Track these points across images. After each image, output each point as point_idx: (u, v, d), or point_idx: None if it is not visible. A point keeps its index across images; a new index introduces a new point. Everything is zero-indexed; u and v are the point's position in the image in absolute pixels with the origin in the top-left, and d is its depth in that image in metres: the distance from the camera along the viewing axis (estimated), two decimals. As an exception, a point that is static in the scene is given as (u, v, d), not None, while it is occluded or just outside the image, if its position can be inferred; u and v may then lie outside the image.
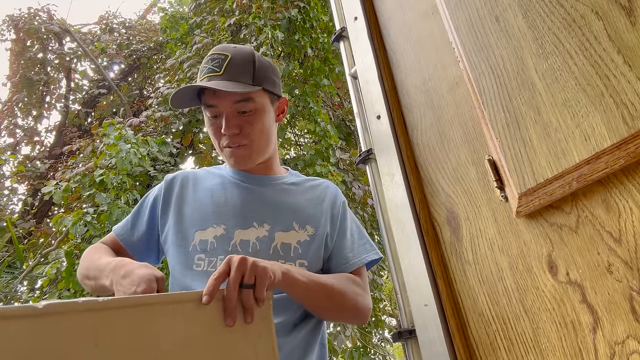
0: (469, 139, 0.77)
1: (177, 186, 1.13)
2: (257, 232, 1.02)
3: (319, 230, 1.06)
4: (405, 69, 0.95)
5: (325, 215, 1.09)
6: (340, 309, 0.98)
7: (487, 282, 0.70)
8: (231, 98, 1.01)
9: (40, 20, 6.52)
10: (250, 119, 1.04)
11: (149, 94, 6.45)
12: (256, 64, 1.06)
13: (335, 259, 1.06)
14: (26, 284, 4.06)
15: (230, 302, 0.70)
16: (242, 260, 0.75)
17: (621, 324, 0.53)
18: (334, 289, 0.96)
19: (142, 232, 1.11)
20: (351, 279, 1.02)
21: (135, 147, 3.75)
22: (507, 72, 0.68)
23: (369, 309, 1.03)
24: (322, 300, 0.95)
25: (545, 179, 0.60)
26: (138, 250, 1.11)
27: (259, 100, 1.05)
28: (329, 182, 1.20)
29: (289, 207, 1.08)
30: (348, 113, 5.60)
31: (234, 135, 1.03)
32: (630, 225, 0.53)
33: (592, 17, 0.58)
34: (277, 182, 1.13)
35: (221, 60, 1.02)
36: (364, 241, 1.11)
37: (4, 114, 6.55)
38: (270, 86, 1.08)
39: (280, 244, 1.01)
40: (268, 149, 1.11)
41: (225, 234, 1.01)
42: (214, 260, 0.98)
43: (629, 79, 0.53)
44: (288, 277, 0.85)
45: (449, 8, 0.80)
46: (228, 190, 1.10)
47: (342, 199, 1.16)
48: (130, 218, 1.15)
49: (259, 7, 4.48)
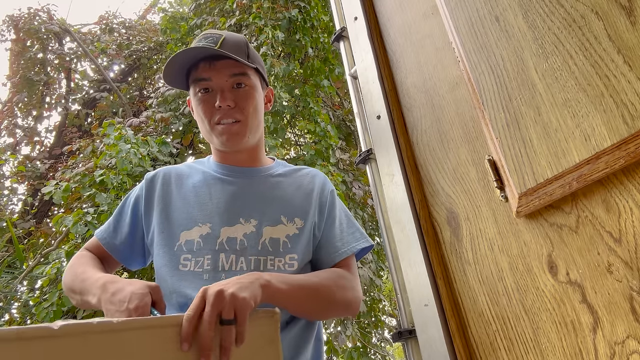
0: (469, 139, 0.77)
1: (159, 184, 1.09)
2: (244, 228, 0.99)
3: (308, 222, 1.03)
4: (405, 69, 0.95)
5: (314, 205, 1.06)
6: (328, 308, 0.96)
7: (487, 282, 0.70)
8: (228, 71, 1.01)
9: (40, 20, 6.52)
10: (245, 94, 1.03)
11: (149, 94, 6.45)
12: (249, 47, 1.07)
13: (325, 248, 1.03)
14: (26, 284, 4.06)
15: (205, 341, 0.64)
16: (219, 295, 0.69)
17: (621, 324, 0.53)
18: (320, 289, 0.93)
19: (125, 235, 1.07)
20: (337, 273, 0.99)
21: (135, 147, 3.75)
22: (507, 72, 0.68)
23: (359, 301, 1.00)
24: (307, 303, 0.91)
25: (545, 179, 0.60)
26: (122, 254, 1.08)
27: (253, 78, 1.05)
28: (317, 171, 1.17)
29: (276, 200, 1.05)
30: (348, 113, 5.60)
31: (229, 109, 1.01)
32: (630, 225, 0.53)
33: (592, 17, 0.58)
34: (264, 174, 1.10)
35: (216, 38, 1.02)
36: (353, 230, 1.08)
37: (4, 114, 6.55)
38: (262, 70, 1.09)
39: (268, 240, 0.98)
40: (258, 132, 1.10)
41: (211, 232, 0.99)
42: (200, 260, 0.96)
43: (629, 79, 0.53)
44: (269, 290, 0.81)
45: (449, 8, 0.80)
46: (212, 186, 1.06)
47: (330, 188, 1.13)
48: (112, 221, 1.11)
49: (259, 7, 4.48)
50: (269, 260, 0.96)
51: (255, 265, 0.95)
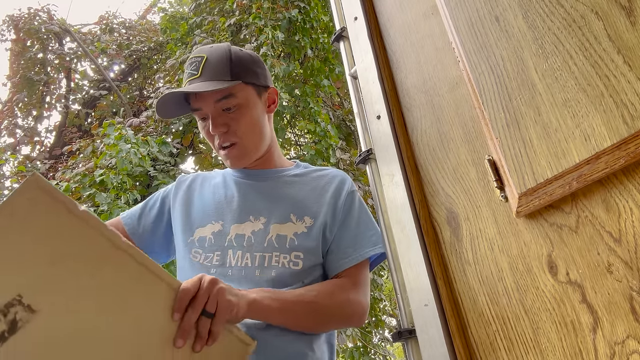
0: (469, 139, 0.77)
1: (186, 185, 1.16)
2: (253, 225, 1.01)
3: (318, 221, 1.02)
4: (405, 69, 0.95)
5: (327, 206, 1.04)
6: (325, 323, 0.95)
7: (487, 282, 0.70)
8: (211, 98, 1.01)
9: (40, 20, 6.52)
10: (235, 115, 1.03)
11: (149, 94, 6.44)
12: (233, 59, 1.04)
13: (334, 253, 1.01)
14: (26, 284, 4.05)
15: (186, 324, 0.69)
16: (212, 282, 0.73)
17: (621, 324, 0.53)
18: (315, 305, 0.91)
19: (149, 224, 1.12)
20: (338, 285, 0.96)
21: (136, 147, 3.75)
22: (507, 72, 0.68)
23: (364, 312, 0.98)
24: (301, 320, 0.90)
25: (545, 179, 0.60)
26: (143, 241, 1.11)
27: (242, 94, 1.04)
28: (338, 172, 1.14)
29: (287, 198, 1.05)
30: (348, 113, 5.60)
31: (223, 134, 1.03)
32: (630, 225, 0.53)
33: (592, 17, 0.58)
34: (279, 175, 1.12)
35: (198, 63, 1.03)
36: (371, 233, 1.04)
37: (4, 114, 6.54)
38: (252, 78, 1.07)
39: (275, 236, 0.99)
40: (262, 142, 1.09)
41: (222, 230, 1.02)
42: (210, 255, 0.99)
43: (629, 79, 0.53)
44: (254, 307, 0.81)
45: (449, 8, 0.80)
46: (228, 187, 1.11)
47: (348, 189, 1.09)
48: (138, 207, 1.17)
49: (259, 8, 4.48)
50: (274, 256, 0.96)
51: (259, 262, 0.96)
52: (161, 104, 1.04)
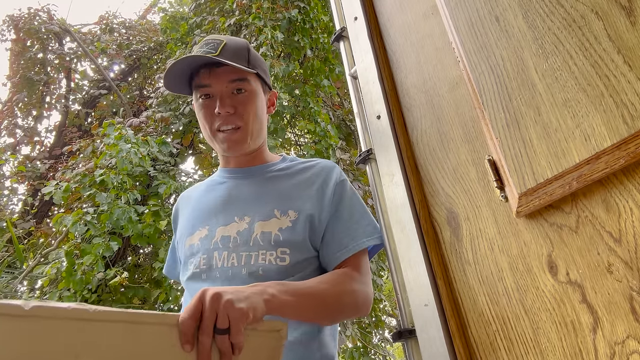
0: (469, 139, 0.77)
1: (180, 204, 1.20)
2: (238, 226, 1.00)
3: (303, 214, 0.99)
4: (405, 69, 0.95)
5: (313, 197, 1.02)
6: (338, 313, 0.93)
7: (487, 282, 0.70)
8: (227, 77, 1.01)
9: (40, 20, 6.52)
10: (244, 99, 1.03)
11: (149, 94, 6.44)
12: (250, 52, 1.07)
13: (331, 245, 0.99)
14: (26, 284, 4.06)
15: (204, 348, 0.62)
16: (215, 297, 0.66)
17: (621, 324, 0.53)
18: (328, 296, 0.90)
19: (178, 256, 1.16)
20: (346, 275, 0.95)
21: (136, 147, 3.74)
22: (507, 72, 0.68)
23: (369, 301, 0.97)
24: (315, 312, 0.89)
25: (545, 179, 0.60)
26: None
27: (254, 83, 1.06)
28: (327, 162, 1.12)
29: (271, 194, 1.04)
30: (348, 113, 5.60)
31: (228, 116, 1.01)
32: (630, 225, 0.53)
33: (592, 17, 0.58)
34: (265, 171, 1.11)
35: (216, 44, 1.02)
36: (365, 222, 1.02)
37: (4, 114, 6.54)
38: (264, 74, 1.10)
39: (260, 234, 0.97)
40: (261, 135, 1.10)
41: (208, 234, 1.02)
42: (197, 260, 1.00)
43: (629, 79, 0.53)
44: (273, 305, 0.77)
45: (449, 8, 0.80)
46: (212, 192, 1.12)
47: (338, 178, 1.07)
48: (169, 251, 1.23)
49: (259, 8, 4.48)
50: (260, 254, 0.95)
51: (246, 260, 0.95)
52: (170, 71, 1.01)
